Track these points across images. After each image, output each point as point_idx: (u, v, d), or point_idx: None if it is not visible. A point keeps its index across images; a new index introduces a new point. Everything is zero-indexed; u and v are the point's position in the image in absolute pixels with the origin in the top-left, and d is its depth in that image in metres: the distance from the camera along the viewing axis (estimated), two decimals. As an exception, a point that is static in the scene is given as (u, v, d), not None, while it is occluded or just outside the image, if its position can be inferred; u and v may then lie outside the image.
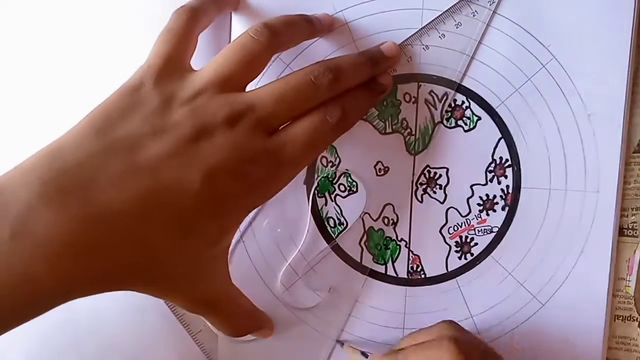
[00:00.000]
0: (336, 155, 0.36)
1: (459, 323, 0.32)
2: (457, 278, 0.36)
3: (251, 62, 0.29)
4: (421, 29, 0.35)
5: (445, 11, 0.34)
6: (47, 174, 0.25)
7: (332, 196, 0.36)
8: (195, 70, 0.30)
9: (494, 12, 0.34)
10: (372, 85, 0.33)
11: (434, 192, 0.36)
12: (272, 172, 0.29)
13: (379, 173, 0.36)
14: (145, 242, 0.26)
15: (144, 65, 0.29)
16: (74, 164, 0.25)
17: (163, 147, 0.26)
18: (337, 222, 0.36)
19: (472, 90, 0.35)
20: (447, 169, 0.36)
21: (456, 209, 0.36)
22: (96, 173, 0.25)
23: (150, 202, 0.26)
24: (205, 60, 0.30)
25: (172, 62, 0.29)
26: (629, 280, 0.35)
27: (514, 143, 0.35)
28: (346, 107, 0.31)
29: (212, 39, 0.35)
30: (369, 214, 0.36)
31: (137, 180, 0.26)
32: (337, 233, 0.36)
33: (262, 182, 0.29)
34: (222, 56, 0.29)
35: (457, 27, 0.34)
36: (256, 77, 0.30)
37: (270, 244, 0.36)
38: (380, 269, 0.36)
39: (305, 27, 0.33)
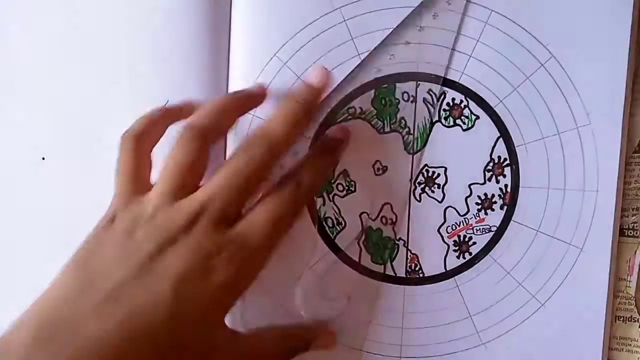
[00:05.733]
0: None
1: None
2: (456, 277, 0.36)
3: (190, 167, 0.31)
4: (400, 24, 0.35)
5: (420, 4, 0.34)
6: (43, 318, 0.27)
7: (330, 196, 0.36)
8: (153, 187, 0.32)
9: (493, 10, 0.34)
10: (325, 147, 0.34)
11: (432, 191, 0.36)
12: (242, 259, 0.29)
13: (377, 172, 0.36)
14: None
15: (112, 200, 0.31)
16: (61, 303, 0.28)
17: (131, 270, 0.28)
18: (335, 222, 0.36)
19: (470, 89, 0.35)
20: (446, 168, 0.35)
21: (454, 208, 0.36)
22: (79, 308, 0.27)
23: (130, 326, 0.27)
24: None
25: (132, 191, 0.31)
26: (629, 281, 0.35)
27: (513, 142, 0.35)
28: (301, 179, 0.32)
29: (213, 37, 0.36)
30: (367, 214, 0.36)
31: (114, 308, 0.27)
32: (335, 233, 0.36)
33: (233, 271, 0.29)
34: (164, 171, 0.31)
35: (434, 18, 0.35)
36: (203, 172, 0.31)
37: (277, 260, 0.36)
38: (379, 268, 0.36)
39: (232, 110, 0.33)
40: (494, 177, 0.35)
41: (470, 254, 0.36)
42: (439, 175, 0.36)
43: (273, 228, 0.30)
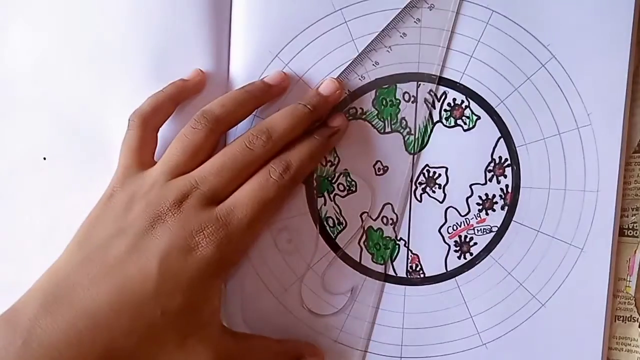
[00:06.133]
0: (335, 155, 0.36)
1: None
2: (457, 278, 0.36)
3: (194, 151, 0.32)
4: (384, 29, 0.35)
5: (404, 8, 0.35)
6: (48, 288, 0.30)
7: (331, 196, 0.36)
8: (155, 164, 0.33)
9: (494, 11, 0.34)
10: (321, 132, 0.34)
11: (433, 192, 0.36)
12: (225, 237, 0.30)
13: (378, 172, 0.36)
14: (124, 331, 0.29)
15: (113, 176, 0.33)
16: (64, 275, 0.30)
17: (126, 243, 0.30)
18: (336, 222, 0.36)
19: (471, 90, 0.35)
20: (447, 169, 0.35)
21: (455, 209, 0.36)
22: (80, 278, 0.29)
23: (120, 296, 0.29)
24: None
25: (135, 166, 0.33)
26: (629, 281, 0.35)
27: (514, 142, 0.35)
28: (288, 159, 0.32)
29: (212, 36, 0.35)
30: (367, 214, 0.36)
31: (109, 278, 0.29)
32: (336, 233, 0.36)
33: (215, 248, 0.30)
34: (170, 148, 0.33)
35: (416, 23, 0.35)
36: (203, 161, 0.32)
37: (279, 260, 0.36)
38: (380, 268, 0.36)
39: (248, 102, 0.34)
40: (494, 177, 0.35)
41: (471, 254, 0.36)
42: (439, 175, 0.36)
43: (257, 208, 0.31)
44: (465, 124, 0.35)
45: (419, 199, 0.36)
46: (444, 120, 0.35)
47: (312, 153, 0.33)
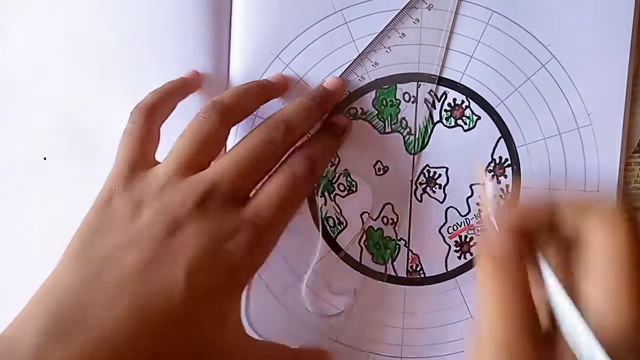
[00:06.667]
0: (335, 155, 0.36)
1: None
2: (457, 278, 0.36)
3: (207, 142, 0.29)
4: (383, 30, 0.35)
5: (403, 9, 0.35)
6: (50, 311, 0.25)
7: (332, 196, 0.36)
8: (159, 164, 0.30)
9: (494, 11, 0.34)
10: (333, 129, 0.34)
11: (434, 192, 0.36)
12: (254, 240, 0.28)
13: (378, 172, 0.36)
14: (148, 354, 0.25)
15: (110, 175, 0.30)
16: (66, 297, 0.26)
17: (141, 254, 0.26)
18: (336, 221, 0.36)
19: (471, 90, 0.35)
20: (447, 169, 0.35)
21: (456, 209, 0.36)
22: (88, 299, 0.25)
23: (142, 313, 0.25)
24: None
25: (136, 164, 0.29)
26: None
27: (514, 142, 0.35)
28: (313, 156, 0.31)
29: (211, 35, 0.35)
30: (368, 214, 0.36)
31: (125, 295, 0.26)
32: (336, 233, 0.36)
33: (247, 254, 0.28)
34: (179, 142, 0.29)
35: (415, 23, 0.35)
36: (217, 154, 0.30)
37: (279, 260, 0.36)
38: (380, 268, 0.36)
39: (257, 93, 0.33)
40: (495, 177, 0.35)
41: (471, 254, 0.36)
42: (440, 175, 0.36)
43: (284, 209, 0.29)
44: (465, 124, 0.35)
45: (419, 199, 0.36)
46: (444, 121, 0.35)
47: (331, 150, 0.33)
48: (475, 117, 0.35)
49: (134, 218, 0.27)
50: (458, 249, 0.36)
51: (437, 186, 0.36)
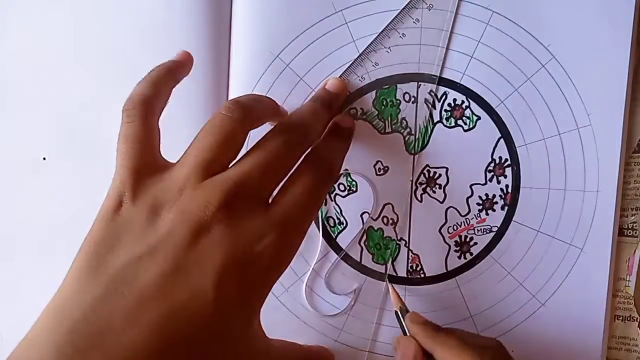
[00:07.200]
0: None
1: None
2: (457, 277, 0.36)
3: (230, 141, 0.27)
4: (382, 30, 0.35)
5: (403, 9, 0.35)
6: (60, 339, 0.23)
7: (332, 196, 0.36)
8: (173, 164, 0.28)
9: (494, 12, 0.34)
10: (342, 131, 0.33)
11: (434, 192, 0.36)
12: (282, 242, 0.26)
13: (378, 173, 0.36)
14: None
15: (115, 182, 0.27)
16: (81, 318, 0.23)
17: (163, 264, 0.24)
18: (336, 221, 0.36)
19: (471, 90, 0.35)
20: (447, 169, 0.36)
21: (456, 209, 0.36)
22: (106, 318, 0.23)
23: (168, 326, 0.23)
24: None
25: (143, 168, 0.27)
26: (628, 281, 0.35)
27: (514, 143, 0.35)
28: (330, 158, 0.31)
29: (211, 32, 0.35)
30: (368, 214, 0.36)
31: (148, 311, 0.23)
32: (336, 233, 0.36)
33: (276, 256, 0.26)
34: (199, 141, 0.27)
35: (415, 23, 0.35)
36: (236, 156, 0.28)
37: None
38: (380, 268, 0.36)
39: (270, 105, 0.32)
40: (495, 177, 0.35)
41: (471, 254, 0.36)
42: (440, 175, 0.36)
43: (309, 211, 0.29)
44: (465, 124, 0.35)
45: (419, 199, 0.36)
46: (444, 121, 0.35)
47: (344, 152, 0.33)
48: (475, 118, 0.35)
49: (152, 227, 0.25)
50: (458, 249, 0.36)
51: (437, 186, 0.36)
